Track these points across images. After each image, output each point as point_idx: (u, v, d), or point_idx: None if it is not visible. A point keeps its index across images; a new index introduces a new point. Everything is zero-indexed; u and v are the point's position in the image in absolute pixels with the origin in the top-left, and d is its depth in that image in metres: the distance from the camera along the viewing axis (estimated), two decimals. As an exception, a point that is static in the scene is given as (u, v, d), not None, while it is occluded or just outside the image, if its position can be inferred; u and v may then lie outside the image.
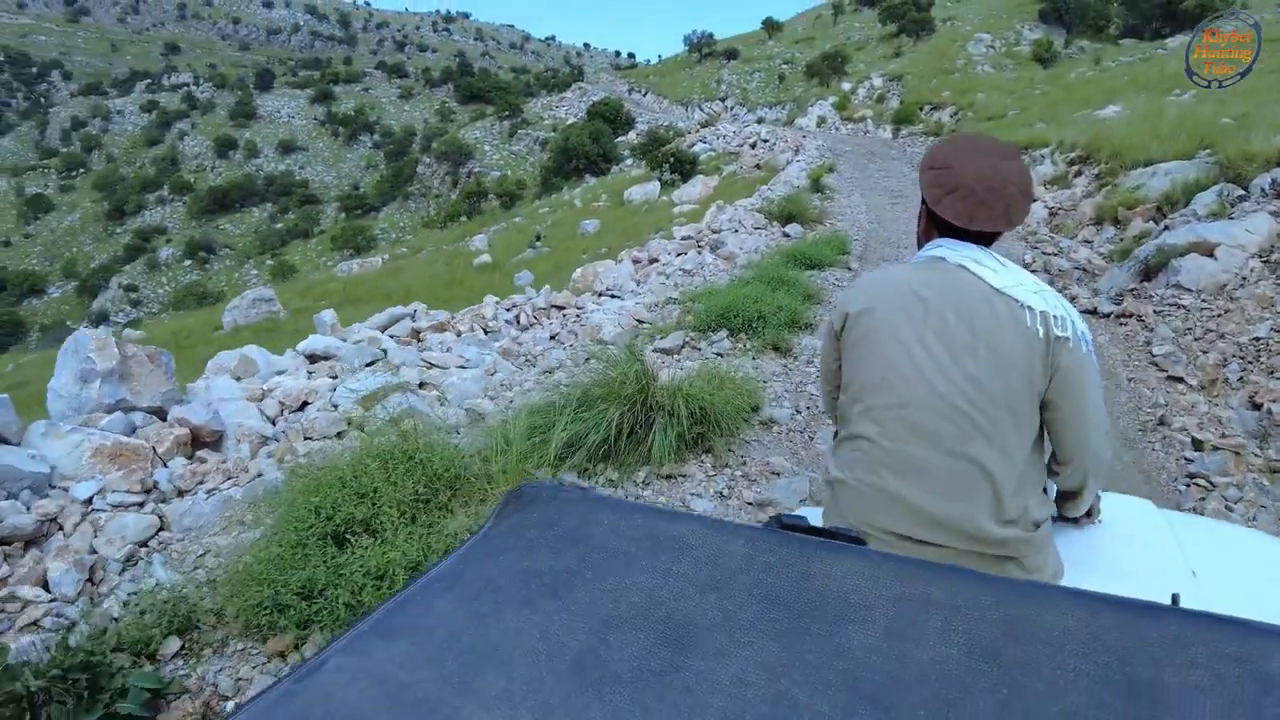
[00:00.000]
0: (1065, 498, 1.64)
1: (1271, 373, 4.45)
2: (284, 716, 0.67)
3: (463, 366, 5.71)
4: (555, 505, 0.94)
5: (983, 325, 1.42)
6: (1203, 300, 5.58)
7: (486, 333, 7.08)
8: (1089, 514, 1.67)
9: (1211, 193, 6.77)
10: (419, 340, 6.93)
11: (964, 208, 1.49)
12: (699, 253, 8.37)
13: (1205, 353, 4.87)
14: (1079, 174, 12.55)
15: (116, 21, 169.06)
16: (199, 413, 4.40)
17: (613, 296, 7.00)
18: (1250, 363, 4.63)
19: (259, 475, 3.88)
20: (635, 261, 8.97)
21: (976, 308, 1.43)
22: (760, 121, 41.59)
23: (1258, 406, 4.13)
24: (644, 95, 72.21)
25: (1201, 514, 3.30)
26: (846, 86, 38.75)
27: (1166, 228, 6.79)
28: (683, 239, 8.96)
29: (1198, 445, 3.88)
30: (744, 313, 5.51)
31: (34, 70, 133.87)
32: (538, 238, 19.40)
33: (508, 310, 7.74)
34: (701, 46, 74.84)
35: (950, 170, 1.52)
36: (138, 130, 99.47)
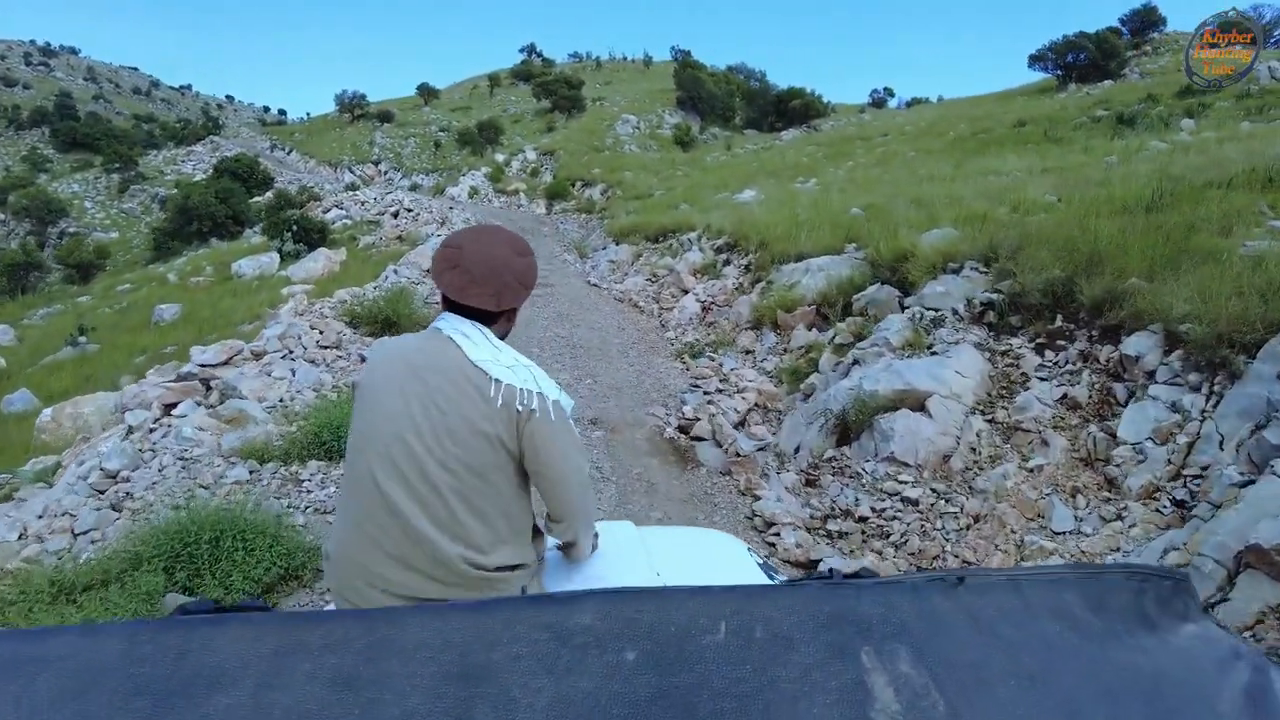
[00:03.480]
0: (566, 547, 1.79)
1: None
2: None
3: None
4: None
5: (455, 393, 1.52)
6: (935, 491, 3.76)
7: None
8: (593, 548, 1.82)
9: (899, 318, 5.25)
10: None
11: (457, 283, 1.58)
12: (198, 403, 5.11)
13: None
14: (728, 262, 11.46)
15: None
16: None
17: None
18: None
19: None
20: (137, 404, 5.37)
21: (454, 377, 1.53)
22: (415, 188, 38.82)
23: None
24: (288, 154, 65.66)
25: None
26: (501, 158, 37.49)
27: (856, 362, 5.12)
28: (179, 379, 5.54)
29: None
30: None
31: None
32: (80, 331, 14.23)
33: None
34: (353, 107, 70.24)
35: (460, 250, 1.60)
36: None
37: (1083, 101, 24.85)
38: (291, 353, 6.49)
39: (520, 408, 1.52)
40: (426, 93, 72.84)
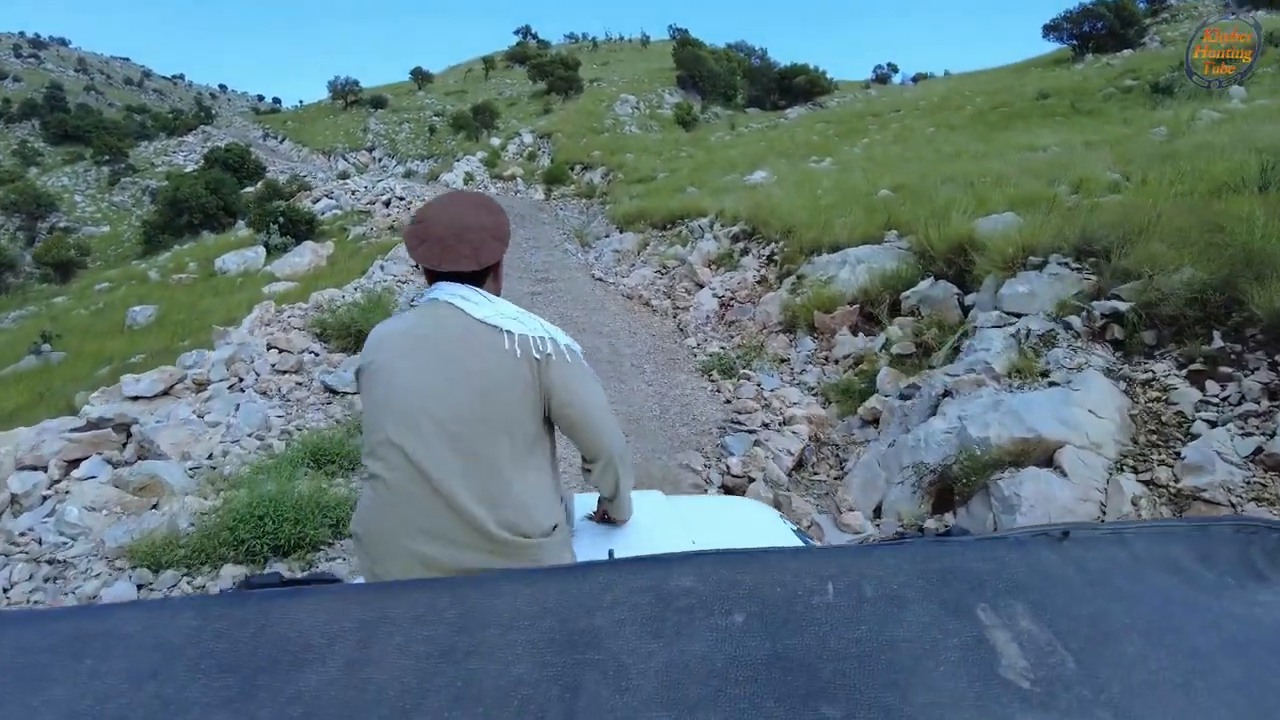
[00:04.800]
0: (607, 502, 1.77)
1: None
2: None
3: None
4: None
5: (469, 354, 1.51)
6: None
7: None
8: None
9: (998, 333, 4.18)
10: None
11: (432, 253, 1.57)
12: (109, 462, 3.99)
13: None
14: (746, 251, 10.38)
15: None
16: None
17: None
18: None
19: None
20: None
21: (464, 339, 1.52)
22: (409, 175, 37.76)
23: None
24: (281, 142, 64.63)
25: None
26: (496, 142, 36.24)
27: (948, 393, 4.03)
28: (89, 426, 4.27)
29: None
30: None
31: None
32: (44, 338, 13.20)
33: None
34: (347, 93, 68.98)
35: (425, 224, 1.61)
36: None
37: (1106, 71, 23.57)
38: (241, 380, 5.38)
39: (538, 355, 1.52)
40: (420, 77, 71.67)
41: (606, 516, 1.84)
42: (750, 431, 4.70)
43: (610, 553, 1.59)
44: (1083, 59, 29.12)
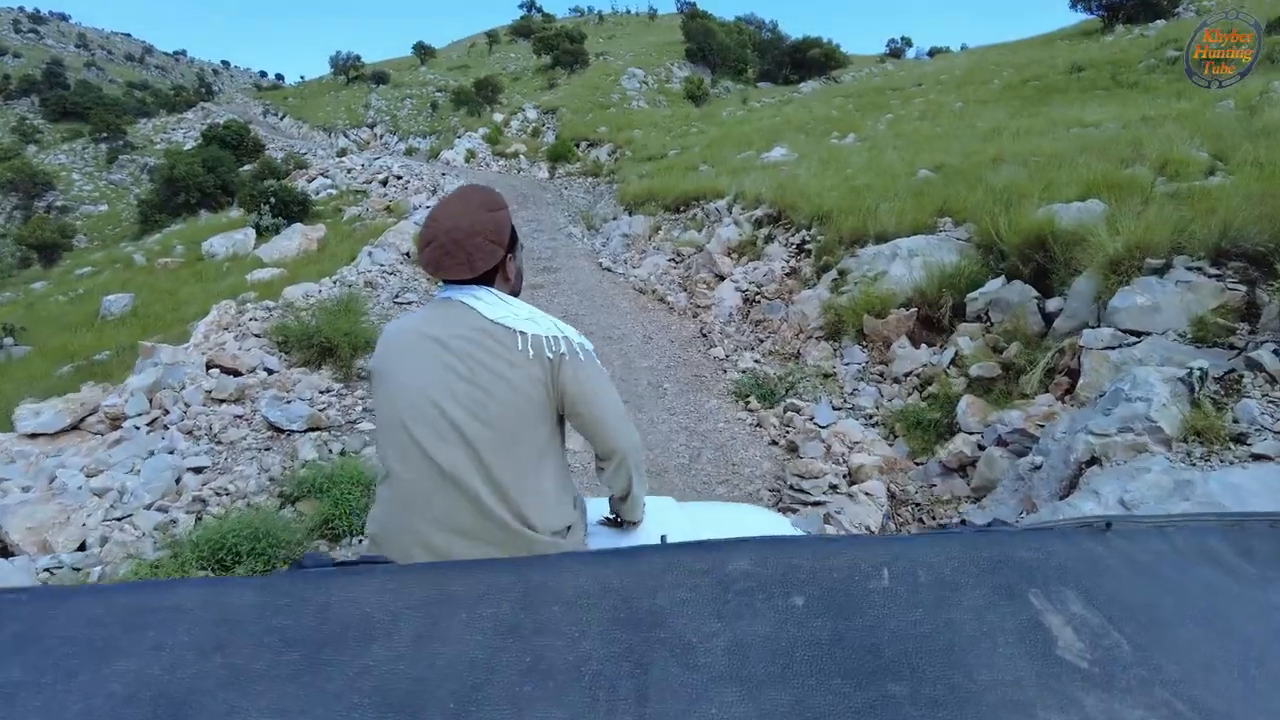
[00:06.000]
0: (620, 502, 1.74)
1: None
2: None
3: None
4: None
5: (483, 353, 1.48)
6: None
7: None
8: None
9: (1155, 376, 3.09)
10: None
11: (432, 257, 1.55)
12: None
13: None
14: (771, 239, 9.30)
15: None
16: None
17: None
18: None
19: None
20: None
21: (477, 339, 1.49)
22: (410, 152, 36.63)
23: None
24: (281, 119, 63.50)
25: None
26: (499, 117, 35.00)
27: (1095, 460, 2.96)
28: None
29: None
30: None
31: None
32: (7, 331, 12.22)
33: None
34: (348, 69, 67.70)
35: (435, 223, 1.55)
36: None
37: (1142, 43, 22.18)
38: (167, 413, 4.37)
39: (551, 355, 1.50)
40: (423, 52, 70.21)
41: (619, 519, 1.81)
42: (817, 503, 3.62)
43: (663, 538, 1.58)
44: (1112, 30, 27.73)
